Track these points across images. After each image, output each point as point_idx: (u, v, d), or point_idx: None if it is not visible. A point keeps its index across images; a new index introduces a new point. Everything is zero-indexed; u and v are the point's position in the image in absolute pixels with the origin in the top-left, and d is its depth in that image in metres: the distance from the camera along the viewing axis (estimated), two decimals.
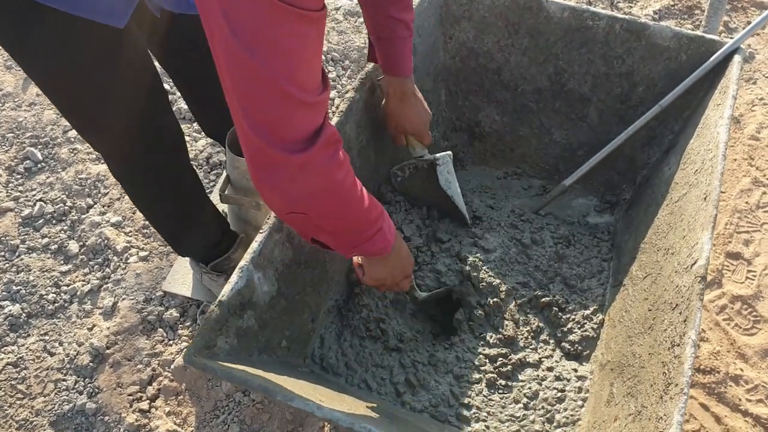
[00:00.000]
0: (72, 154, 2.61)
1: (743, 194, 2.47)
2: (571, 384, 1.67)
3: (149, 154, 1.66)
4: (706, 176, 1.55)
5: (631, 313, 1.60)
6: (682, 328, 1.28)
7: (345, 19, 3.20)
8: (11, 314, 2.15)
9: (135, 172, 1.73)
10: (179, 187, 1.83)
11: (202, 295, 2.15)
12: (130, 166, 1.70)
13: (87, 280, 2.26)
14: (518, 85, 2.13)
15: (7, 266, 2.29)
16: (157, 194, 1.80)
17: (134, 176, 1.75)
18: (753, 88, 2.89)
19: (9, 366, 2.06)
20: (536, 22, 2.01)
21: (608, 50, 1.97)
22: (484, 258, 1.88)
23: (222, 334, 1.30)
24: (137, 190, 1.81)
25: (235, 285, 1.33)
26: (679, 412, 1.14)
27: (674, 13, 3.23)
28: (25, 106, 2.78)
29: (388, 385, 1.65)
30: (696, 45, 1.86)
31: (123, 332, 2.12)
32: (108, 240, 2.34)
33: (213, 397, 1.97)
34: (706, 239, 1.39)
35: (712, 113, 1.72)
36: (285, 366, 1.50)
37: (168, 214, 1.89)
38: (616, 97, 2.03)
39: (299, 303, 1.60)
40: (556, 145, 2.18)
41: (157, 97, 1.61)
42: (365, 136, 1.80)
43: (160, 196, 1.81)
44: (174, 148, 1.74)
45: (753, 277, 2.24)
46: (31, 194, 2.49)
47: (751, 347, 2.06)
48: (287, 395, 1.16)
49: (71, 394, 2.01)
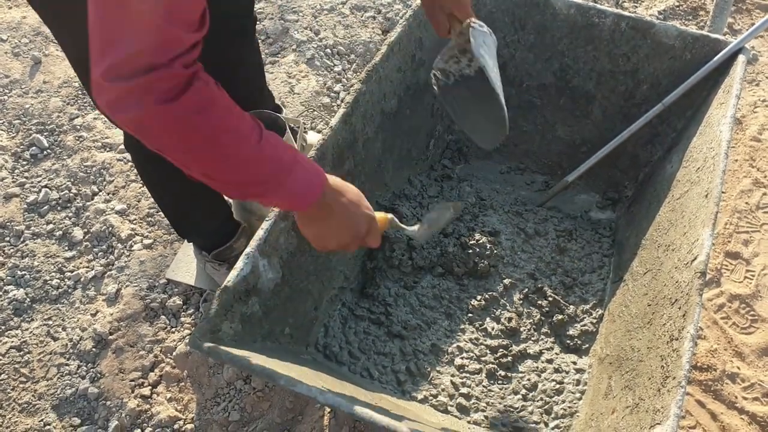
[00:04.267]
0: (78, 142, 2.62)
1: (743, 195, 2.49)
2: (570, 376, 1.69)
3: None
4: (707, 174, 1.57)
5: (631, 308, 1.62)
6: (681, 322, 1.30)
7: (351, 14, 3.21)
8: (16, 299, 2.17)
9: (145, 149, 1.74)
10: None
11: (205, 283, 2.16)
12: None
13: (91, 267, 2.27)
14: (523, 81, 2.14)
15: (12, 251, 2.30)
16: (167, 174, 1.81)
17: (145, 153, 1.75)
18: (756, 90, 2.90)
19: (12, 350, 2.07)
20: (542, 19, 2.02)
21: (613, 48, 1.98)
22: (491, 240, 1.91)
23: (227, 319, 1.32)
24: (147, 168, 1.82)
25: (240, 271, 1.35)
26: (677, 405, 1.15)
27: (679, 13, 3.24)
28: (32, 93, 2.79)
29: (389, 374, 1.67)
30: (701, 44, 1.88)
31: (126, 319, 2.14)
32: (112, 227, 2.36)
33: (214, 384, 1.99)
34: (707, 236, 1.40)
35: (716, 112, 1.74)
36: (288, 353, 1.51)
37: (176, 195, 1.90)
38: (621, 94, 2.04)
39: (303, 291, 1.62)
40: (559, 142, 2.19)
41: None
42: (371, 128, 1.82)
43: (170, 176, 1.81)
44: None
45: (751, 276, 2.25)
46: (37, 180, 2.50)
47: (748, 346, 2.08)
48: (290, 380, 1.18)
49: (74, 378, 2.02)
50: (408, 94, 1.97)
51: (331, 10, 3.23)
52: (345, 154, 1.72)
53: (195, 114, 1.03)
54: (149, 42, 0.94)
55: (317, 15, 3.20)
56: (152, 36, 0.94)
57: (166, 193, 1.92)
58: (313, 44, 3.05)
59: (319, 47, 3.04)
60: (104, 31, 0.94)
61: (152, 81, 0.96)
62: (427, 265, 1.88)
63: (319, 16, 3.20)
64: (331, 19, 3.19)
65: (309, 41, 3.05)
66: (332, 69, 2.98)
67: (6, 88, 2.81)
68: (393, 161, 2.00)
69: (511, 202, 2.08)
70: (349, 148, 1.74)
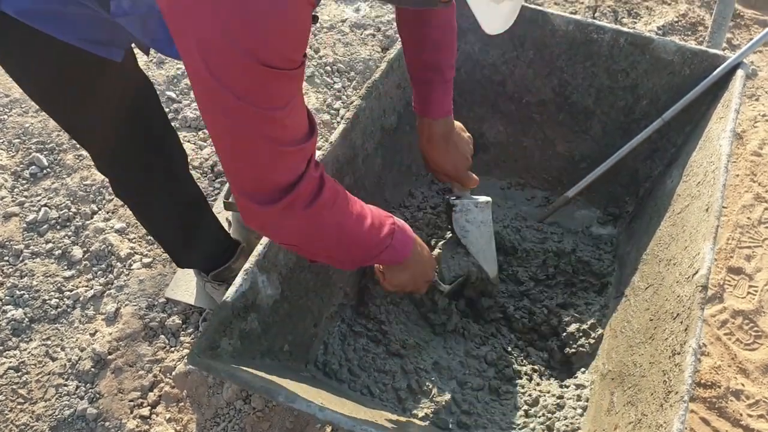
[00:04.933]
0: (77, 160, 2.63)
1: (745, 209, 2.48)
2: (570, 392, 1.67)
3: (149, 175, 1.71)
4: (708, 188, 1.56)
5: (633, 323, 1.61)
6: (682, 336, 1.29)
7: (351, 31, 3.23)
8: (14, 318, 2.16)
9: (137, 195, 1.78)
10: (178, 201, 1.84)
11: (205, 302, 2.15)
12: (130, 187, 1.75)
13: (90, 286, 2.26)
14: (523, 97, 2.14)
15: (10, 271, 2.30)
16: (156, 207, 1.82)
17: (138, 198, 1.80)
18: (755, 105, 2.90)
19: (11, 370, 2.06)
20: (541, 35, 2.03)
21: (612, 63, 1.99)
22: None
23: (226, 335, 1.31)
24: (139, 207, 1.85)
25: (239, 287, 1.34)
26: (679, 420, 1.14)
27: (678, 29, 3.25)
28: (32, 112, 2.80)
29: (390, 391, 1.65)
30: (699, 59, 1.88)
31: (125, 338, 2.12)
32: (112, 246, 2.35)
33: (214, 404, 1.97)
34: (708, 249, 1.39)
35: (715, 126, 1.74)
36: (287, 370, 1.50)
37: (168, 228, 1.91)
38: (620, 110, 2.04)
39: (302, 307, 1.61)
40: (559, 157, 2.19)
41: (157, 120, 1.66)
42: (371, 144, 1.82)
43: (159, 209, 1.82)
44: (174, 168, 1.78)
45: (754, 292, 2.24)
46: (36, 199, 2.50)
47: (752, 362, 2.06)
48: (290, 397, 1.17)
49: (72, 399, 2.01)
50: (408, 110, 1.97)
51: (331, 28, 3.24)
52: (345, 170, 1.72)
53: (331, 207, 1.17)
54: (282, 168, 1.07)
55: (317, 33, 3.22)
56: (283, 162, 1.06)
57: (165, 230, 1.93)
58: (313, 62, 3.06)
59: (319, 65, 3.05)
60: (236, 161, 1.06)
61: (298, 194, 1.09)
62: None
63: (319, 34, 3.21)
64: (330, 37, 3.20)
65: (309, 59, 3.06)
66: (332, 86, 2.99)
67: (6, 108, 2.82)
68: (393, 177, 2.00)
69: (511, 216, 2.07)
70: (349, 163, 1.73)
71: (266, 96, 0.96)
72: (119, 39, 1.36)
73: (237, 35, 0.88)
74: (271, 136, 1.00)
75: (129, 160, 1.64)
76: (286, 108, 1.00)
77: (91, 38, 1.30)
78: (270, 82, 0.94)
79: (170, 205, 1.80)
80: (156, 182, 1.72)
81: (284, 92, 0.99)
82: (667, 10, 3.36)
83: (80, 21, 1.27)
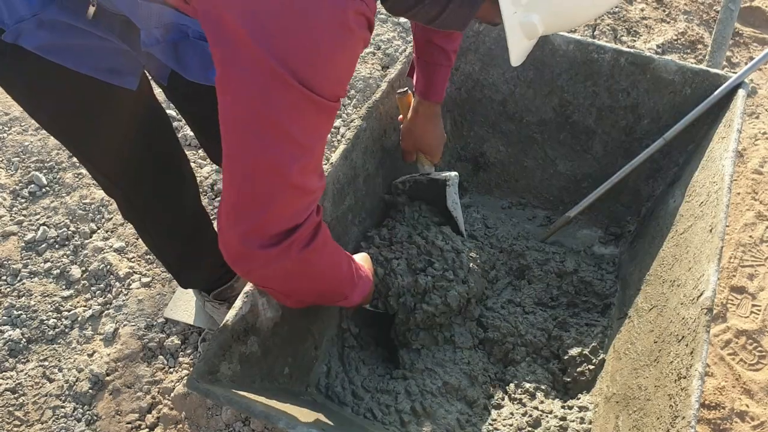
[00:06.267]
0: (77, 179, 2.62)
1: (747, 228, 2.47)
2: (574, 414, 1.65)
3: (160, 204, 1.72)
4: (711, 208, 1.55)
5: (637, 345, 1.59)
6: (688, 360, 1.27)
7: None
8: (11, 339, 2.14)
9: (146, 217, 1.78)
10: (186, 223, 1.84)
11: (204, 322, 2.14)
12: (139, 209, 1.75)
13: (88, 306, 2.24)
14: (523, 117, 2.14)
15: (8, 291, 2.28)
16: (163, 228, 1.81)
17: (147, 220, 1.80)
18: (756, 123, 2.90)
19: (7, 392, 2.03)
20: (542, 55, 2.03)
21: (613, 83, 1.99)
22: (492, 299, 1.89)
23: (225, 360, 1.29)
24: (145, 228, 1.84)
25: (239, 310, 1.33)
26: None
27: (677, 47, 3.26)
28: (32, 130, 2.79)
29: (392, 414, 1.63)
30: (700, 79, 1.88)
31: (123, 359, 2.10)
32: (110, 265, 2.33)
33: (213, 426, 1.95)
34: (713, 271, 1.38)
35: (717, 146, 1.73)
36: (287, 394, 1.48)
37: (173, 248, 1.89)
38: (621, 129, 2.04)
39: (303, 330, 1.59)
40: (560, 177, 2.18)
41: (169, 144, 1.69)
42: (372, 164, 1.81)
43: (166, 230, 1.82)
44: (185, 189, 1.78)
45: (758, 311, 2.23)
46: (35, 218, 2.49)
47: (756, 383, 2.04)
48: (290, 422, 1.15)
49: (69, 421, 1.98)
50: None
51: None
52: (345, 190, 1.71)
53: (323, 247, 1.18)
54: (293, 212, 1.08)
55: None
56: (300, 205, 1.09)
57: (170, 251, 1.92)
58: None
59: None
60: (240, 198, 1.06)
61: (297, 237, 1.10)
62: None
63: None
64: None
65: None
66: None
67: (5, 126, 2.81)
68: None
69: (514, 235, 2.06)
70: (350, 183, 1.72)
71: (304, 127, 0.97)
72: (133, 67, 1.36)
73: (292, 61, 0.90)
74: (296, 181, 1.03)
75: (141, 184, 1.64)
76: (314, 148, 1.03)
77: (105, 67, 1.31)
78: (311, 112, 0.95)
79: (177, 226, 1.80)
80: (167, 204, 1.73)
81: (321, 128, 1.02)
82: (666, 28, 3.37)
83: (97, 52, 1.28)
